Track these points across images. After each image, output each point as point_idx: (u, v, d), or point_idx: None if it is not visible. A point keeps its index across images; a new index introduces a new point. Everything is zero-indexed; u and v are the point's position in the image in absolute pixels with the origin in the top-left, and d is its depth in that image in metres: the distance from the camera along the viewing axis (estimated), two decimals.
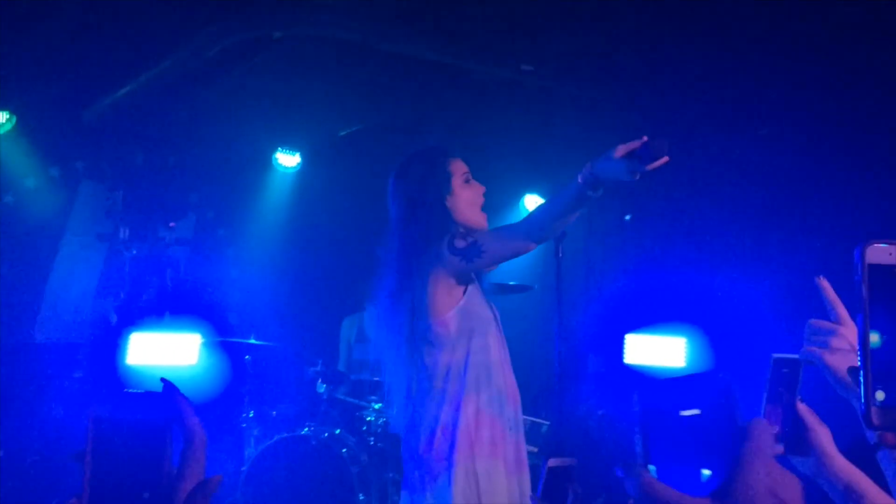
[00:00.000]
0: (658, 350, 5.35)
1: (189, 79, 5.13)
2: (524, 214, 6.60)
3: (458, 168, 2.61)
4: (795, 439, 1.09)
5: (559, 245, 3.35)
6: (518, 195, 6.58)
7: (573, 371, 5.36)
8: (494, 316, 2.62)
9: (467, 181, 2.60)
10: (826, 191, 4.70)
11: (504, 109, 5.57)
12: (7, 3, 4.14)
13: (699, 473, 0.63)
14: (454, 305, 2.46)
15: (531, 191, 6.58)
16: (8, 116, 5.16)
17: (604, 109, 5.48)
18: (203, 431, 0.77)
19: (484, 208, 2.65)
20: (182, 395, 0.78)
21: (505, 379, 2.56)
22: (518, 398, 2.61)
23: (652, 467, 0.62)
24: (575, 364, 5.46)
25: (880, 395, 0.69)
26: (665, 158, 2.11)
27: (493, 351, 2.55)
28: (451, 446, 2.40)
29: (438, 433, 2.43)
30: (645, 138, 2.11)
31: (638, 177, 2.15)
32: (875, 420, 0.68)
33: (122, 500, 0.73)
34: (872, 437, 1.04)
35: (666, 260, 5.57)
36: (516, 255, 2.48)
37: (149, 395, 0.75)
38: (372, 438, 4.71)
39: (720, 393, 0.64)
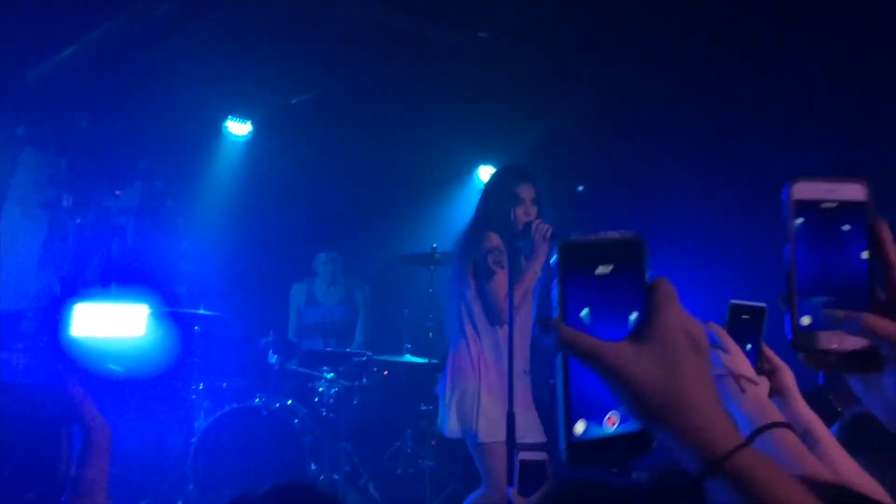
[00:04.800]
0: None
1: (136, 41, 4.97)
2: (478, 185, 6.60)
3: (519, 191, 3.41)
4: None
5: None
6: (473, 165, 6.54)
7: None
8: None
9: (519, 201, 3.40)
10: (774, 164, 4.75)
11: (460, 77, 5.51)
12: None
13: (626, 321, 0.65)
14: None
15: (486, 161, 6.55)
16: None
17: (560, 78, 5.45)
18: (107, 428, 0.71)
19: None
20: (81, 389, 0.71)
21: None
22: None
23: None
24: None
25: (806, 320, 0.76)
26: None
27: None
28: None
29: None
30: None
31: None
32: (799, 343, 0.76)
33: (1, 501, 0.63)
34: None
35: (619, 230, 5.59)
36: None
37: (44, 389, 0.68)
38: (324, 409, 4.71)
39: (632, 252, 0.66)
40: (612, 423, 0.65)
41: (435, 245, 4.74)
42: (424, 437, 4.89)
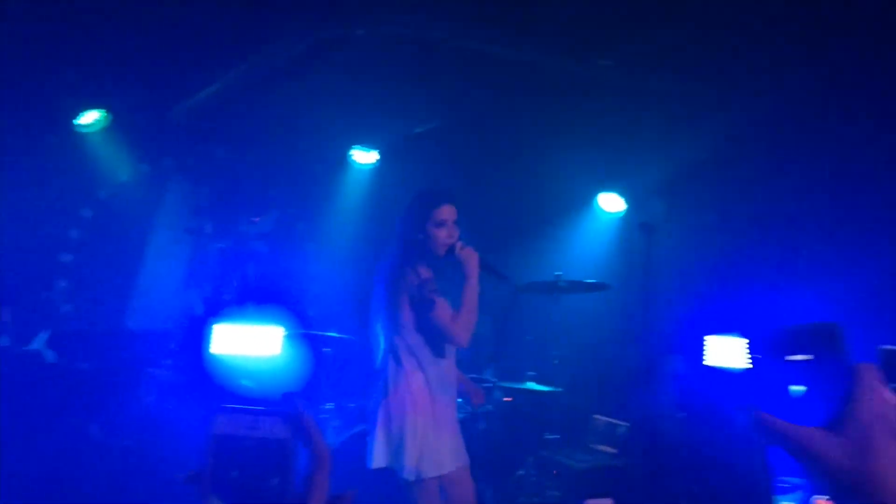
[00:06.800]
0: (736, 352, 5.21)
1: (271, 76, 5.25)
2: (599, 213, 6.50)
3: (439, 214, 3.29)
4: None
5: (649, 239, 3.32)
6: (592, 193, 6.51)
7: (654, 371, 5.27)
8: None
9: (440, 224, 3.28)
10: None
11: (581, 106, 5.52)
12: (99, 4, 4.32)
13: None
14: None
15: (606, 189, 6.51)
16: (101, 115, 5.36)
17: (683, 105, 5.38)
18: (329, 453, 0.73)
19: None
20: (308, 413, 0.73)
21: None
22: None
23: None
24: (656, 364, 5.36)
25: None
26: None
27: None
28: None
29: None
30: None
31: None
32: None
33: None
34: None
35: (751, 263, 5.40)
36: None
37: (273, 413, 0.70)
38: None
39: (830, 340, 0.69)
40: None
41: (558, 273, 4.74)
42: (547, 466, 4.85)
